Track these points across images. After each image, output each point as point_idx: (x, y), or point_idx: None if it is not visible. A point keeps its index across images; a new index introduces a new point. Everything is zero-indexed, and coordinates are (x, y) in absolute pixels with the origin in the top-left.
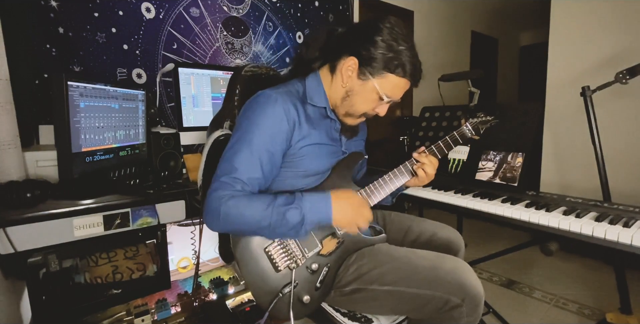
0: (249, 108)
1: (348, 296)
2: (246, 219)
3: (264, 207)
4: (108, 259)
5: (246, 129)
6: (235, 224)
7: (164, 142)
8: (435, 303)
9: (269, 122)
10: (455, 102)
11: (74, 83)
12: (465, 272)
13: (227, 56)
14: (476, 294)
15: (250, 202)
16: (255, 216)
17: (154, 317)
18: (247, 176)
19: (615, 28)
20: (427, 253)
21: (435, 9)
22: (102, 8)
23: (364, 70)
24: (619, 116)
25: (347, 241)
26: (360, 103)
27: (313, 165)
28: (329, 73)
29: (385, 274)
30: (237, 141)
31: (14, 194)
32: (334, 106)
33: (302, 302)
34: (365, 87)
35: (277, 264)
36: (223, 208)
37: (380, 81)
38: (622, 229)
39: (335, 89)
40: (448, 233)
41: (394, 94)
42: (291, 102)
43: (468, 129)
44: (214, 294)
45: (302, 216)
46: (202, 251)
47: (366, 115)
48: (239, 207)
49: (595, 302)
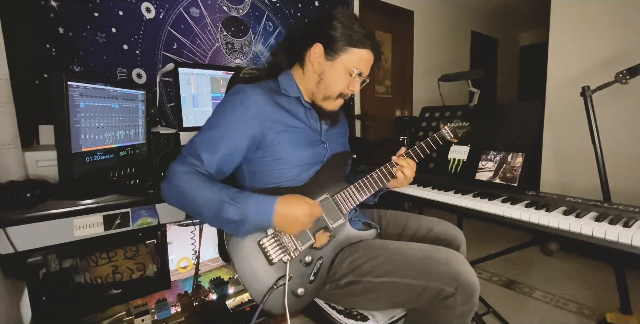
0: (224, 98)
1: (343, 289)
2: (190, 199)
3: (210, 194)
4: (108, 259)
5: (216, 116)
6: (180, 200)
7: (164, 142)
8: (429, 293)
9: (239, 110)
10: (455, 102)
11: (74, 83)
12: (458, 262)
13: (227, 56)
14: (469, 284)
15: (200, 184)
16: (198, 199)
17: (154, 317)
18: (206, 156)
19: (615, 28)
20: (421, 245)
21: (435, 9)
22: (102, 8)
23: (329, 52)
24: (619, 116)
25: (339, 234)
26: (334, 82)
27: (292, 152)
28: (300, 68)
29: (379, 265)
30: (207, 125)
31: (14, 194)
32: (311, 95)
33: (297, 295)
34: (335, 66)
35: (270, 257)
36: (174, 180)
37: (346, 57)
38: (622, 229)
39: (309, 78)
40: (446, 228)
41: (360, 66)
42: (263, 93)
43: (447, 132)
44: (214, 294)
45: (241, 216)
46: (202, 251)
47: (342, 95)
48: (191, 184)
49: (595, 302)
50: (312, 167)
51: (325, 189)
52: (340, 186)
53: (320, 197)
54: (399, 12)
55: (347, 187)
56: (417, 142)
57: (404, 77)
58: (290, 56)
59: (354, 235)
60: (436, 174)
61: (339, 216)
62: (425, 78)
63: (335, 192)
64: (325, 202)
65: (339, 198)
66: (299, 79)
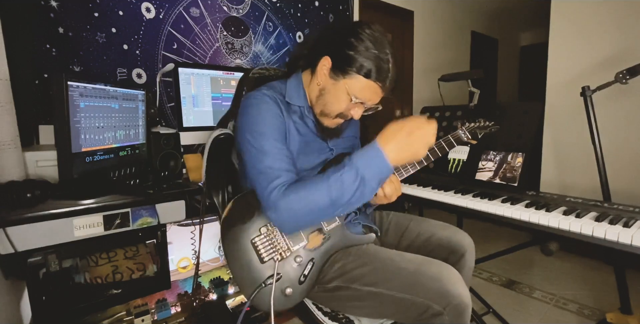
0: (245, 112)
1: (330, 293)
2: (308, 201)
3: (319, 182)
4: (108, 259)
5: (252, 133)
6: (300, 209)
7: (164, 142)
8: (416, 308)
9: (269, 118)
10: (455, 102)
11: (74, 83)
12: (450, 279)
13: (227, 56)
14: (459, 303)
15: (304, 185)
16: (315, 194)
17: (154, 317)
18: (282, 169)
19: (615, 28)
20: (415, 256)
21: (435, 9)
22: (102, 8)
23: (336, 70)
24: (619, 116)
25: (334, 237)
26: (332, 103)
27: (301, 160)
28: (310, 74)
29: (367, 274)
30: (251, 148)
31: (14, 194)
32: (311, 105)
33: (285, 294)
34: (337, 86)
35: (262, 256)
36: (282, 201)
37: (349, 82)
38: (622, 229)
39: (312, 88)
40: (449, 234)
41: (363, 96)
42: (274, 99)
43: (463, 133)
44: (214, 294)
45: (357, 173)
46: (202, 251)
47: (341, 116)
48: (297, 193)
49: (595, 302)
50: (315, 171)
51: None
52: None
53: None
54: (399, 12)
55: None
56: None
57: (404, 77)
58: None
59: (350, 238)
60: (436, 174)
61: (334, 218)
62: (425, 78)
63: None
64: None
65: None
66: (307, 85)
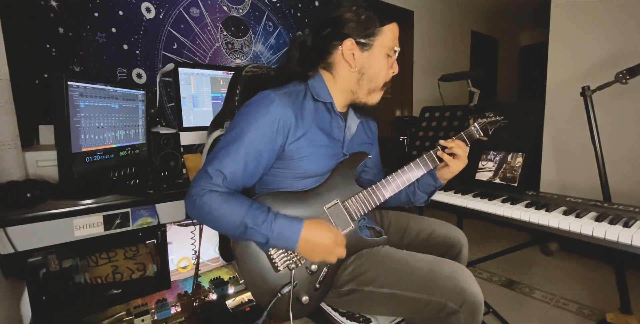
0: (246, 106)
1: (344, 297)
2: (214, 219)
3: (234, 219)
4: (108, 259)
5: (238, 126)
6: (204, 219)
7: (164, 142)
8: (433, 307)
9: (262, 121)
10: (455, 102)
11: (74, 83)
12: (464, 277)
13: (227, 56)
14: (474, 301)
15: (222, 205)
16: (224, 220)
17: (154, 317)
18: (229, 170)
19: (615, 28)
20: (426, 256)
21: (435, 9)
22: (102, 8)
23: (362, 41)
24: (619, 116)
25: (347, 242)
26: (377, 72)
27: (312, 166)
28: (327, 72)
29: (382, 276)
30: (228, 136)
31: (14, 194)
32: (351, 95)
33: (301, 302)
34: (373, 53)
35: (276, 264)
36: (198, 201)
37: (381, 39)
38: (622, 229)
39: (344, 79)
40: (447, 230)
41: (395, 41)
42: (290, 103)
43: (476, 130)
44: (214, 294)
45: (266, 240)
46: (202, 251)
47: (386, 84)
48: (211, 205)
49: (595, 302)
50: (325, 176)
51: (334, 193)
52: (351, 189)
53: (330, 202)
54: (398, 12)
55: (360, 191)
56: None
57: (404, 77)
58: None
59: (364, 242)
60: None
61: (348, 223)
62: (425, 78)
63: (346, 197)
64: (335, 209)
65: (350, 203)
66: (330, 83)
